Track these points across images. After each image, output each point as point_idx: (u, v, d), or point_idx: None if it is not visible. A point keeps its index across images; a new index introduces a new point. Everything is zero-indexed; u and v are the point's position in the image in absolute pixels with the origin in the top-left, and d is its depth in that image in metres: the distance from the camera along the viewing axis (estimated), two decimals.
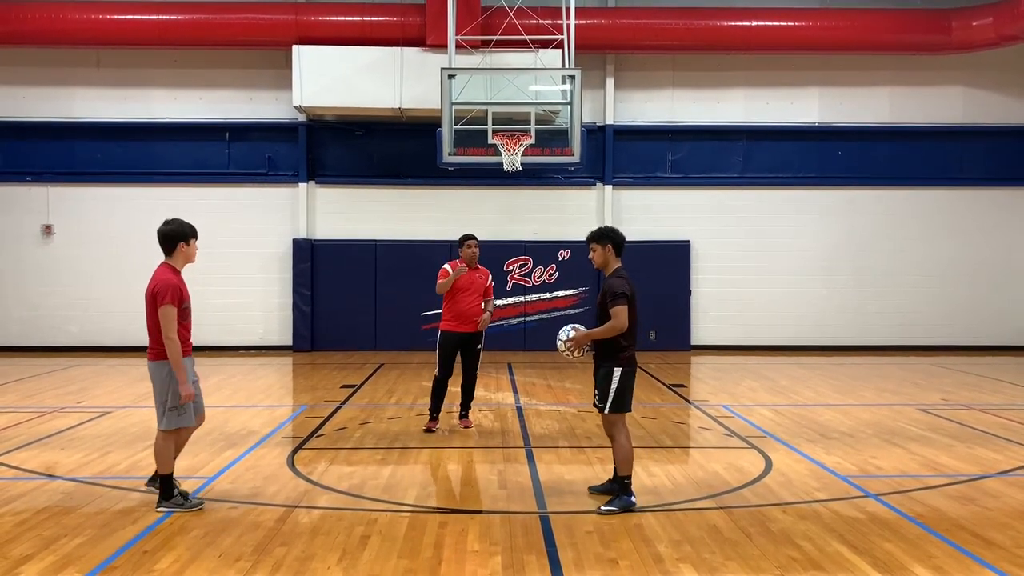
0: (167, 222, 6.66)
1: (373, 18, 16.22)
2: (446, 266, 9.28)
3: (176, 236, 6.56)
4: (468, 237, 9.37)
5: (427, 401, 9.49)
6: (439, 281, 9.21)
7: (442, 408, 9.51)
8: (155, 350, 6.44)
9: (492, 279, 9.59)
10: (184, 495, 6.56)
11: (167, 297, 6.32)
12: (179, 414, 6.46)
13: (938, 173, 17.76)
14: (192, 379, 6.48)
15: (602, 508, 6.46)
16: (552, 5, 15.19)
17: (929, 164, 17.78)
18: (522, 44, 14.91)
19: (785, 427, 9.70)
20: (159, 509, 6.46)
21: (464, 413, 9.68)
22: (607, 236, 6.83)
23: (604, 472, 7.45)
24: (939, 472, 7.73)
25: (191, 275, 6.81)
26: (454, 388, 9.56)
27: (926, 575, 5.25)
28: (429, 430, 9.32)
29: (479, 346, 9.40)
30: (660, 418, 10.24)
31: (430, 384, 9.43)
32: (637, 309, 6.63)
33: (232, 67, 17.30)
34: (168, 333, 6.31)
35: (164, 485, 6.50)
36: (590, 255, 6.90)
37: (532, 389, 12.54)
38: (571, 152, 14.11)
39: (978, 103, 17.67)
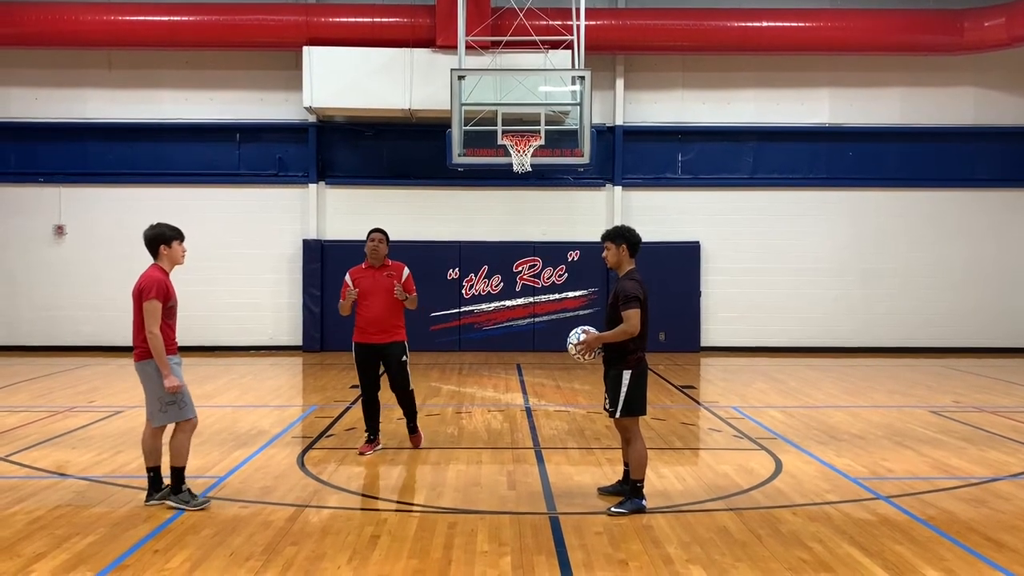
0: (151, 226, 6.70)
1: (383, 19, 16.24)
2: (346, 277, 8.46)
3: (156, 239, 6.61)
4: (373, 230, 8.49)
5: (435, 402, 9.48)
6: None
7: (379, 428, 8.53)
8: (141, 349, 6.48)
9: (408, 273, 8.47)
10: (191, 493, 6.61)
11: (152, 292, 6.36)
12: (179, 407, 6.51)
13: (949, 174, 17.67)
14: (178, 377, 6.49)
15: (612, 509, 6.45)
16: (562, 6, 15.19)
17: (940, 165, 17.69)
18: (532, 45, 14.91)
19: (795, 429, 9.68)
20: (158, 502, 6.55)
21: (411, 427, 8.61)
22: (623, 236, 6.70)
23: (614, 473, 7.45)
24: (950, 474, 7.70)
25: (202, 275, 6.87)
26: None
27: None
28: (361, 453, 8.31)
29: (404, 357, 8.29)
30: (670, 419, 10.24)
31: (438, 384, 9.39)
32: (649, 312, 6.58)
33: (243, 68, 17.35)
34: (151, 328, 6.34)
35: (176, 478, 6.54)
36: (604, 253, 6.77)
37: (541, 390, 12.54)
38: (581, 153, 14.10)
39: (990, 104, 17.58)
